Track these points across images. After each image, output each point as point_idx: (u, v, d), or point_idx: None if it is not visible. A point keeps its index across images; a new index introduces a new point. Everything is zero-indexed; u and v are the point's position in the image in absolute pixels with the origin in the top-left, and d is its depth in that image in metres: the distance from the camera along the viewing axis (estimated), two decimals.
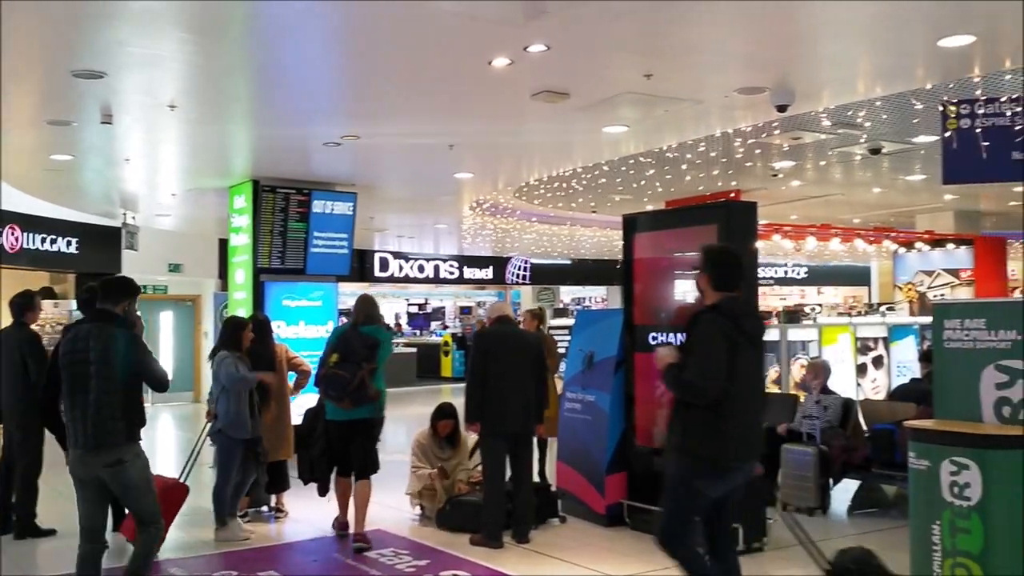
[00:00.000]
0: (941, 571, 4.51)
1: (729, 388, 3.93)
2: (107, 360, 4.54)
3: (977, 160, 7.07)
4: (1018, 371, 4.75)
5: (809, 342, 11.15)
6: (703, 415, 3.99)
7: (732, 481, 4.12)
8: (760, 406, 4.20)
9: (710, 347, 3.96)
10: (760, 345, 4.22)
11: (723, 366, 3.92)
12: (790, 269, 26.01)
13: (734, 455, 4.04)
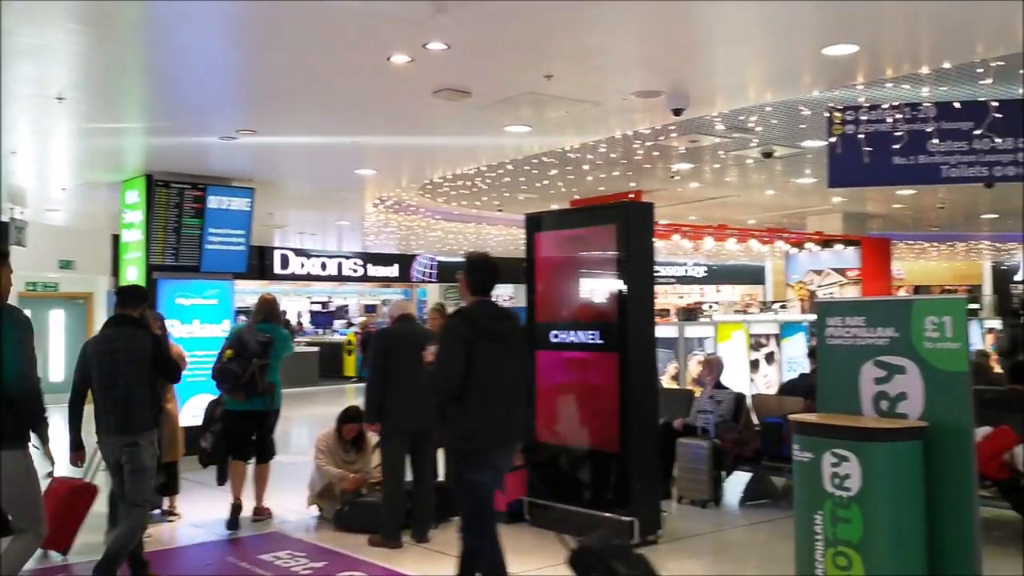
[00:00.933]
0: (823, 560, 4.70)
1: (462, 384, 4.29)
2: (135, 358, 5.31)
3: (861, 165, 7.40)
4: (895, 366, 4.98)
5: (705, 339, 11.47)
6: (455, 411, 4.34)
7: (496, 467, 4.42)
8: (514, 399, 4.51)
9: (446, 347, 4.40)
10: (513, 344, 4.54)
11: (457, 364, 4.30)
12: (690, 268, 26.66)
13: (482, 444, 4.35)
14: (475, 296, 4.54)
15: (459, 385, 4.30)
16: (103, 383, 5.28)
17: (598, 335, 6.54)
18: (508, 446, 4.52)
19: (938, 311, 4.89)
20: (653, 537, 6.19)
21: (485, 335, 4.38)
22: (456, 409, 4.35)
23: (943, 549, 4.65)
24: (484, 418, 4.35)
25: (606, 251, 6.63)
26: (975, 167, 7.46)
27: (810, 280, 16.46)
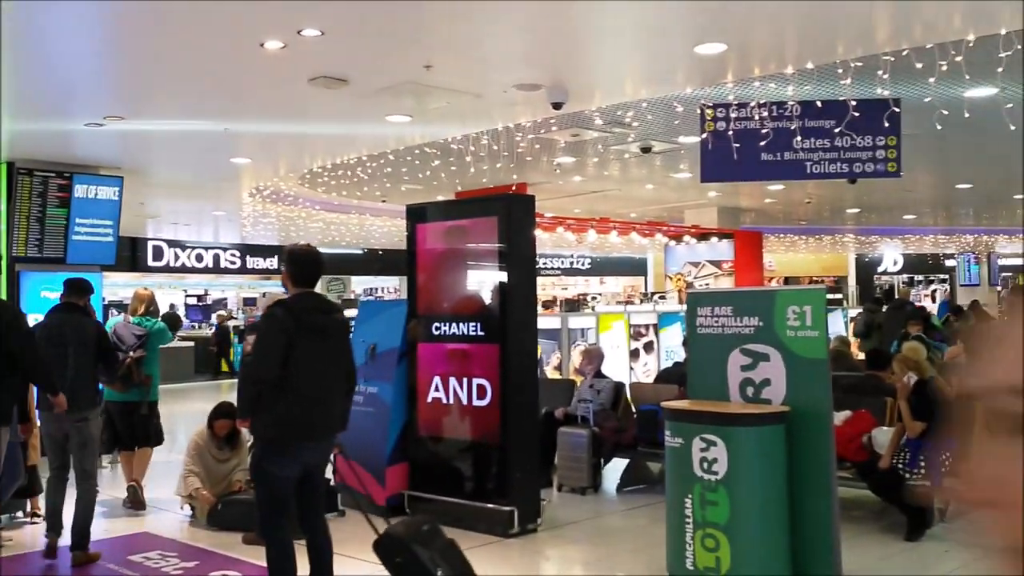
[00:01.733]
0: (692, 542, 4.87)
1: (278, 373, 4.27)
2: (82, 343, 5.94)
3: (731, 161, 7.66)
4: (760, 354, 5.21)
5: (588, 329, 11.67)
6: (267, 401, 4.33)
7: (300, 461, 4.39)
8: (332, 393, 4.52)
9: (265, 336, 4.43)
10: (334, 337, 4.56)
11: (275, 355, 4.29)
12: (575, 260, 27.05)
13: (294, 436, 4.34)
14: (298, 288, 4.52)
15: (275, 375, 4.27)
16: (52, 366, 5.64)
17: (479, 327, 6.57)
18: (320, 440, 4.50)
19: (799, 301, 5.13)
20: (533, 526, 6.27)
21: (307, 327, 4.36)
22: (269, 399, 4.31)
23: (804, 528, 4.89)
24: (297, 411, 4.32)
25: (488, 243, 6.66)
26: (837, 164, 7.84)
27: (687, 271, 16.93)
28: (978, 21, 5.84)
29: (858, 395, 7.27)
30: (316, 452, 4.53)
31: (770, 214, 18.61)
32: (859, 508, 6.68)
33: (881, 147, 7.76)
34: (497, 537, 6.12)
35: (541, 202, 14.72)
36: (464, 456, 6.66)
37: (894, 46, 6.28)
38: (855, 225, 21.83)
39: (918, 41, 6.20)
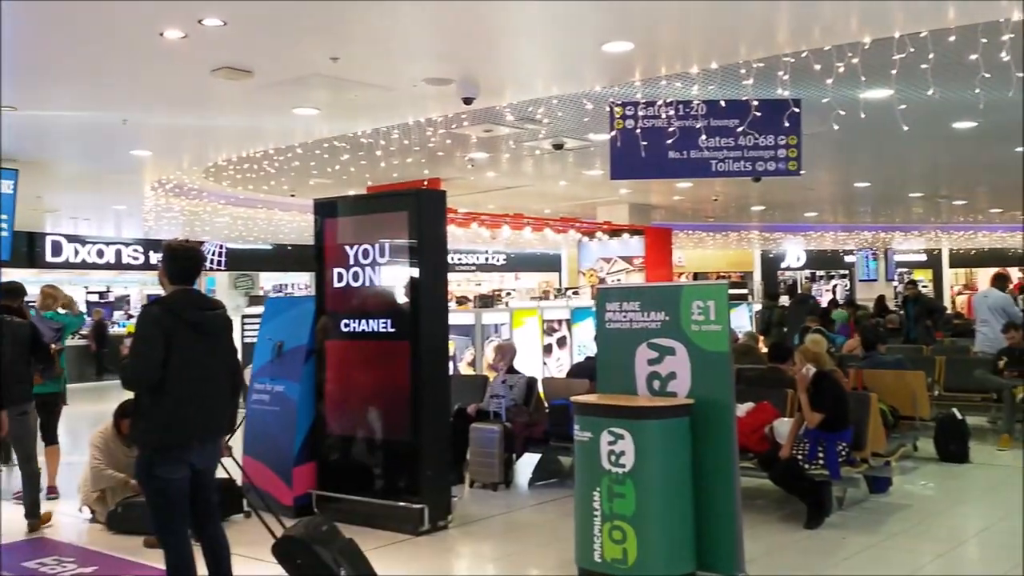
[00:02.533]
0: (600, 535, 4.92)
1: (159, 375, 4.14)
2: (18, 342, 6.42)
3: (639, 159, 7.78)
4: (666, 348, 5.29)
5: (502, 325, 11.71)
6: (146, 404, 4.21)
7: (188, 464, 4.27)
8: (216, 392, 4.41)
9: (143, 336, 4.22)
10: (215, 335, 4.44)
11: (153, 356, 4.13)
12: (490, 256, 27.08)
13: (178, 439, 4.23)
14: (175, 285, 4.38)
15: (156, 376, 4.13)
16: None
17: (390, 323, 6.50)
18: (207, 441, 4.38)
19: (703, 296, 5.23)
20: (443, 523, 6.24)
21: (186, 325, 4.24)
22: (151, 401, 4.18)
23: (708, 518, 4.99)
24: (181, 412, 4.19)
25: (399, 238, 6.59)
26: (741, 162, 8.04)
27: (600, 267, 17.16)
28: (873, 24, 6.07)
29: (761, 387, 7.48)
30: (203, 455, 4.35)
31: (679, 211, 19.00)
32: (762, 497, 6.86)
33: (783, 146, 8.00)
34: (407, 535, 6.07)
35: (455, 198, 14.71)
36: (374, 454, 6.59)
37: (794, 48, 6.47)
38: (760, 222, 22.46)
39: (817, 43, 6.41)
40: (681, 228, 21.35)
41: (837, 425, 6.25)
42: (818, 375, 6.36)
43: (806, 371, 6.37)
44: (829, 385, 6.36)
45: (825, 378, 6.38)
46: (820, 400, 6.24)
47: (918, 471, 8.01)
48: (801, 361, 6.49)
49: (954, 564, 5.48)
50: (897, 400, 8.01)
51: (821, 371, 6.41)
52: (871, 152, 11.71)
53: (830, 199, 18.47)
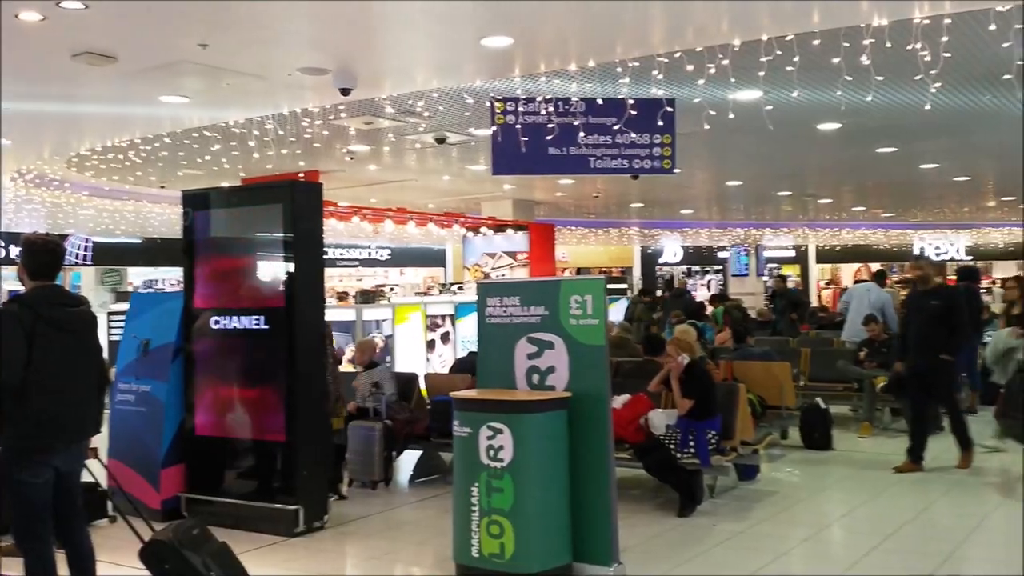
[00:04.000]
0: (478, 530, 4.91)
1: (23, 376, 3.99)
2: None
3: (519, 154, 7.81)
4: (545, 342, 5.33)
5: (384, 321, 11.56)
6: (8, 406, 4.06)
7: (53, 467, 4.14)
8: (82, 392, 4.27)
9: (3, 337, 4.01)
10: (79, 332, 4.30)
11: (15, 356, 3.97)
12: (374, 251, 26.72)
13: (42, 441, 4.11)
14: (35, 281, 4.19)
15: (19, 378, 3.95)
16: None
17: (263, 320, 6.31)
18: (73, 443, 4.22)
19: (581, 291, 5.29)
20: (319, 523, 6.12)
21: (48, 323, 4.06)
22: (13, 403, 3.99)
23: (585, 509, 5.05)
24: (45, 414, 4.04)
25: (272, 232, 6.40)
26: (618, 160, 8.18)
27: (485, 263, 17.17)
28: (743, 26, 6.26)
29: (637, 379, 7.64)
30: (68, 457, 4.19)
31: (562, 207, 19.23)
32: (638, 487, 7.01)
33: (657, 145, 8.18)
34: (282, 537, 5.92)
35: (335, 191, 14.46)
36: (247, 455, 6.39)
37: (668, 48, 6.62)
38: (639, 218, 22.98)
39: (690, 44, 6.57)
40: (564, 224, 21.62)
41: (706, 414, 6.43)
42: (690, 364, 6.54)
43: (681, 359, 6.55)
44: (699, 373, 6.55)
45: (696, 367, 6.57)
46: (691, 388, 6.43)
47: (785, 459, 8.35)
48: (675, 350, 6.66)
49: (818, 547, 5.73)
50: (765, 390, 8.33)
51: (692, 360, 6.59)
52: (742, 151, 12.13)
53: (705, 197, 19.06)
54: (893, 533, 5.80)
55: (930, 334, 7.45)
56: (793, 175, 15.71)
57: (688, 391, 6.43)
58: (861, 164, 13.73)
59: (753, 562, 5.27)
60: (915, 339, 7.61)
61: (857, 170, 14.74)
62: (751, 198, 19.53)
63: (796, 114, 9.03)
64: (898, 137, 11.14)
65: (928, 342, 7.45)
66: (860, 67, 6.57)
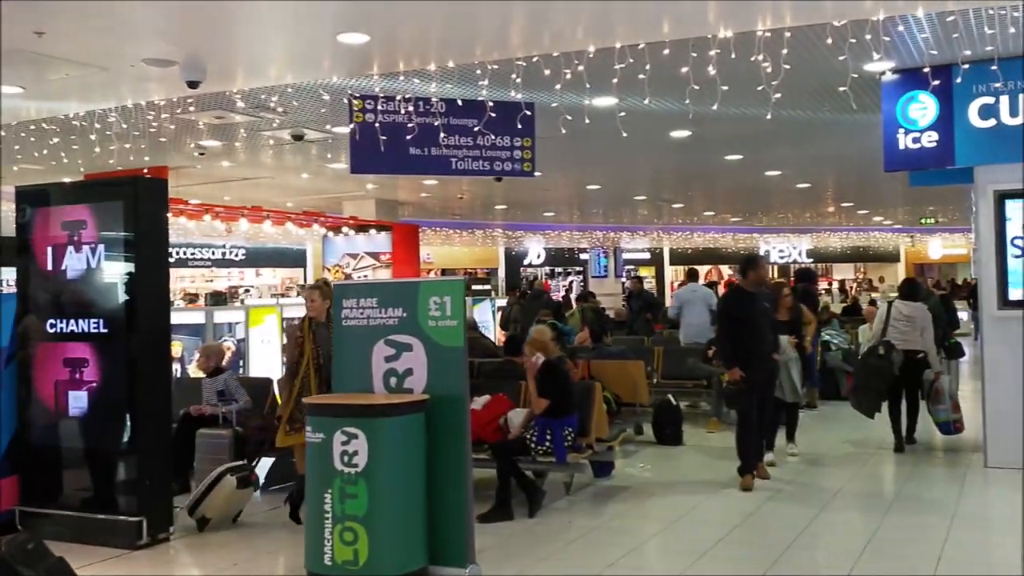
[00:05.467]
0: (331, 537, 4.81)
1: None
2: None
3: (378, 153, 7.71)
4: (404, 344, 5.28)
5: (236, 324, 11.18)
6: None
7: None
8: None
9: None
10: None
11: None
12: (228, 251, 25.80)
13: None
14: None
15: None
16: None
17: (103, 323, 5.99)
18: None
19: (440, 292, 5.28)
20: (165, 535, 5.85)
21: None
22: None
23: (441, 513, 5.03)
24: None
25: (113, 231, 6.08)
26: (479, 162, 8.21)
27: (346, 263, 16.90)
28: (598, 34, 6.40)
29: (497, 380, 7.69)
30: None
31: (427, 207, 19.16)
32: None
33: (518, 148, 8.26)
34: (124, 550, 5.64)
35: (185, 188, 13.89)
36: (86, 465, 6.05)
37: (526, 52, 6.69)
38: (503, 220, 23.18)
39: (547, 49, 6.66)
40: (429, 225, 21.55)
41: (563, 412, 6.54)
42: (545, 363, 6.62)
43: (536, 359, 6.62)
44: (555, 373, 6.64)
45: (551, 366, 6.66)
46: (547, 387, 6.51)
47: (638, 454, 8.60)
48: (531, 351, 6.74)
49: (668, 540, 5.91)
50: (620, 388, 8.56)
51: (548, 360, 6.68)
52: (600, 156, 12.41)
53: (566, 200, 19.43)
54: (739, 524, 6.06)
55: (767, 338, 7.25)
56: (648, 180, 16.22)
57: (544, 390, 6.51)
58: (711, 171, 14.32)
59: (606, 557, 5.38)
60: (756, 344, 7.10)
61: (707, 176, 15.37)
62: (610, 202, 20.04)
63: (649, 121, 9.31)
64: (744, 145, 11.67)
65: (768, 347, 7.24)
66: (707, 77, 6.83)
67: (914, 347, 8.36)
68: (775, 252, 32.21)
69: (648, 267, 32.47)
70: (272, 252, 26.30)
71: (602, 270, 29.97)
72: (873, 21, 6.06)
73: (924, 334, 8.43)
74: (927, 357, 8.44)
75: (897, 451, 8.40)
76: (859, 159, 12.12)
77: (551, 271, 31.57)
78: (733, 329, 7.14)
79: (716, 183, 16.67)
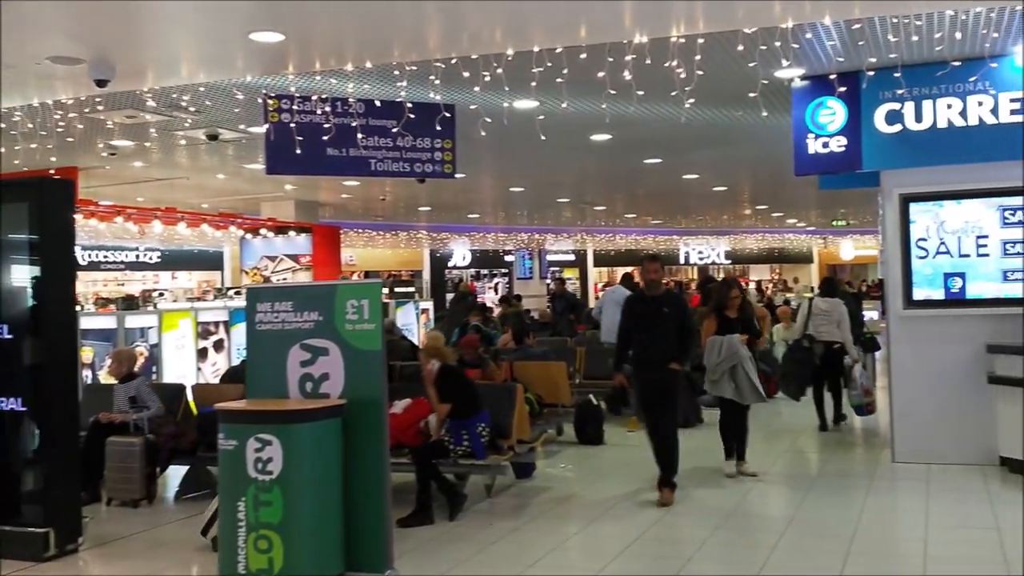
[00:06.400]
0: (245, 545, 4.71)
1: None
2: None
3: (294, 154, 7.59)
4: (320, 348, 5.20)
5: (149, 328, 10.88)
6: None
7: None
8: None
9: None
10: None
11: None
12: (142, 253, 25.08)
13: None
14: None
15: None
16: None
17: (6, 329, 5.77)
18: None
19: (357, 295, 5.21)
20: (73, 546, 5.66)
21: None
22: None
23: (359, 517, 4.97)
24: None
25: (17, 233, 5.86)
26: (399, 163, 8.16)
27: (264, 266, 16.60)
28: (515, 37, 6.41)
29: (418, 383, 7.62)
30: None
31: (349, 209, 18.95)
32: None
33: (439, 149, 8.24)
34: (29, 562, 5.44)
35: (95, 189, 13.46)
36: None
37: (444, 53, 6.67)
38: (428, 222, 23.08)
39: (465, 51, 6.65)
40: (351, 226, 21.31)
41: (470, 411, 6.53)
42: (442, 368, 6.60)
43: (432, 366, 6.60)
44: (451, 376, 6.63)
45: (447, 370, 6.64)
46: (446, 392, 6.50)
47: (560, 454, 8.65)
48: (426, 358, 6.71)
49: (587, 540, 5.96)
50: (543, 389, 8.61)
51: (445, 365, 6.66)
52: (524, 159, 12.47)
53: (491, 202, 19.45)
54: (657, 521, 6.15)
55: (657, 345, 6.71)
56: (571, 183, 16.36)
57: (444, 396, 6.50)
58: (631, 174, 14.51)
59: (527, 558, 5.40)
60: (641, 350, 6.80)
61: (628, 179, 15.57)
62: (534, 204, 20.14)
63: (570, 124, 9.39)
64: (662, 149, 11.86)
65: (665, 352, 6.68)
66: (623, 82, 6.92)
67: (832, 338, 9.32)
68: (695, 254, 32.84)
69: (572, 268, 32.73)
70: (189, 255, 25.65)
71: (527, 272, 30.13)
72: (782, 28, 6.21)
73: (841, 327, 9.32)
74: (844, 347, 9.33)
75: (822, 431, 9.42)
76: (772, 163, 12.44)
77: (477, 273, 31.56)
78: (625, 332, 6.92)
79: (637, 186, 16.90)
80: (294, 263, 16.57)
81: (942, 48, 6.90)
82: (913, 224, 7.81)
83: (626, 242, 29.80)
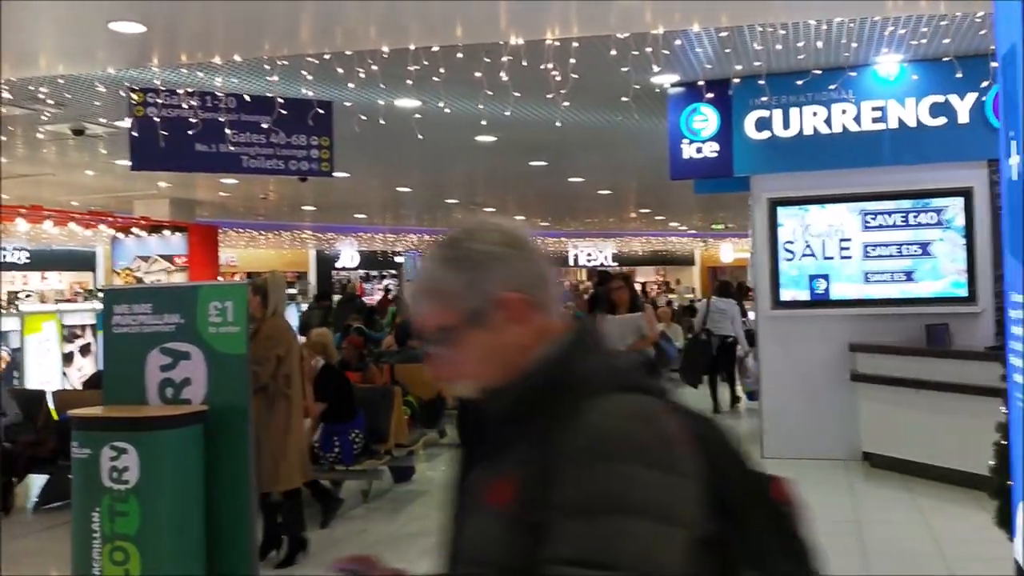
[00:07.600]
0: (100, 557, 4.48)
1: None
2: None
3: (160, 149, 7.29)
4: (181, 352, 4.99)
5: (10, 332, 10.31)
6: None
7: None
8: None
9: None
10: None
11: None
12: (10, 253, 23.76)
13: None
14: None
15: None
16: None
17: None
18: None
19: (221, 296, 5.03)
20: None
21: None
22: None
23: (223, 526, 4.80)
24: None
25: None
26: (274, 160, 7.93)
27: (137, 267, 15.92)
28: (391, 34, 6.33)
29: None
30: None
31: (228, 208, 18.39)
32: None
33: (315, 147, 8.05)
34: None
35: None
36: None
37: (317, 49, 6.52)
38: (313, 222, 22.63)
39: (339, 47, 6.51)
40: (230, 226, 20.68)
41: (345, 415, 6.43)
42: (324, 367, 6.49)
43: (315, 363, 6.47)
44: (333, 377, 6.53)
45: (330, 370, 6.53)
46: (325, 391, 6.39)
47: (442, 457, 8.60)
48: (310, 354, 6.58)
49: None
50: (427, 391, 8.53)
51: (328, 363, 6.55)
52: (410, 158, 12.33)
53: (378, 202, 19.20)
54: None
55: None
56: (460, 184, 16.31)
57: (322, 395, 6.38)
58: (519, 176, 14.56)
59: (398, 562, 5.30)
60: None
61: (516, 181, 15.63)
62: (422, 205, 20.00)
63: (453, 125, 9.34)
64: (546, 151, 11.95)
65: None
66: (500, 83, 6.92)
67: (727, 333, 10.74)
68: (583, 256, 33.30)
69: None
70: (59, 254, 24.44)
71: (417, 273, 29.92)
72: (654, 34, 6.33)
73: (734, 323, 10.81)
74: (736, 340, 10.77)
75: (715, 413, 10.19)
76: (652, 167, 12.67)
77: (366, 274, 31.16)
78: None
79: (524, 188, 16.98)
80: (169, 264, 15.95)
81: (805, 57, 7.17)
82: (781, 227, 8.10)
83: None
